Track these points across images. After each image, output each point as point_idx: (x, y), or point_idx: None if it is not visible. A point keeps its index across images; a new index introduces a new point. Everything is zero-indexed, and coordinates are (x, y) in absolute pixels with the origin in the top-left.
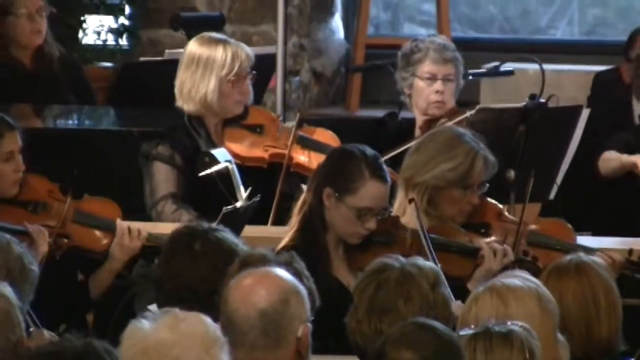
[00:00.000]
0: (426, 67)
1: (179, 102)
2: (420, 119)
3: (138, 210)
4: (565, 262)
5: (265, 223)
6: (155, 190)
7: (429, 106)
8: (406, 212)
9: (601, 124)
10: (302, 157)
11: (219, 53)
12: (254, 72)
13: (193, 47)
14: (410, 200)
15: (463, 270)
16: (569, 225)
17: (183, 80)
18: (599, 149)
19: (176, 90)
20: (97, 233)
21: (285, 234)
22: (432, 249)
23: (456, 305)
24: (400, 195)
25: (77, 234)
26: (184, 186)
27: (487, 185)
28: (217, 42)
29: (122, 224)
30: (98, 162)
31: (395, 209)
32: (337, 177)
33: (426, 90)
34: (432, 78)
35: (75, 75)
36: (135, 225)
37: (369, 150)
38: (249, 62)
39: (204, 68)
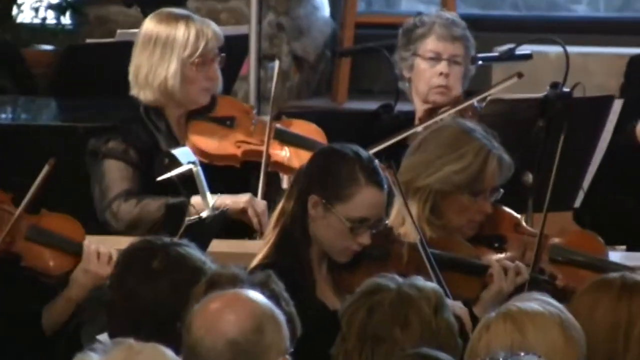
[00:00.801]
0: (430, 45)
1: (134, 90)
2: (420, 109)
3: (87, 219)
4: (614, 276)
5: (240, 236)
6: (107, 190)
7: (431, 91)
8: (405, 222)
9: (637, 116)
10: (281, 153)
11: (180, 31)
12: (223, 54)
13: (150, 24)
14: (388, 167)
15: (469, 291)
16: (600, 239)
17: (139, 64)
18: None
19: (131, 75)
20: (56, 254)
21: (261, 249)
22: (434, 265)
23: (458, 308)
24: (398, 205)
25: (30, 253)
26: (140, 185)
27: (502, 190)
28: (179, 18)
29: (90, 246)
30: (36, 163)
31: (392, 219)
32: (326, 181)
33: (428, 72)
34: (436, 58)
35: (10, 59)
36: (104, 248)
37: (363, 152)
38: (216, 41)
39: (162, 49)
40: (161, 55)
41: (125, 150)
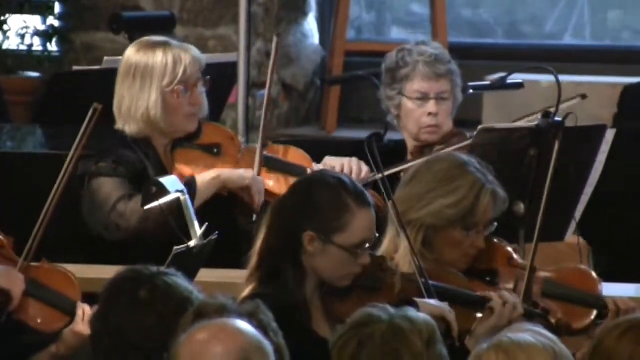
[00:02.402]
0: (416, 85)
1: (119, 124)
2: (411, 144)
3: (70, 250)
4: None
5: (230, 266)
6: (107, 198)
7: (421, 131)
8: (399, 251)
9: (631, 147)
10: (271, 182)
11: (158, 59)
12: (207, 77)
13: (130, 54)
14: (387, 200)
15: (465, 324)
16: (594, 275)
17: (121, 96)
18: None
19: (115, 108)
20: (49, 311)
21: (248, 282)
22: (433, 294)
23: (447, 312)
24: (390, 233)
25: (24, 306)
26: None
27: (496, 224)
28: (156, 46)
29: (84, 307)
30: (20, 191)
31: (384, 248)
32: (317, 216)
33: (417, 112)
34: (424, 98)
35: None
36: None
37: (344, 176)
38: (196, 65)
39: (142, 79)
40: (141, 86)
41: (116, 168)
